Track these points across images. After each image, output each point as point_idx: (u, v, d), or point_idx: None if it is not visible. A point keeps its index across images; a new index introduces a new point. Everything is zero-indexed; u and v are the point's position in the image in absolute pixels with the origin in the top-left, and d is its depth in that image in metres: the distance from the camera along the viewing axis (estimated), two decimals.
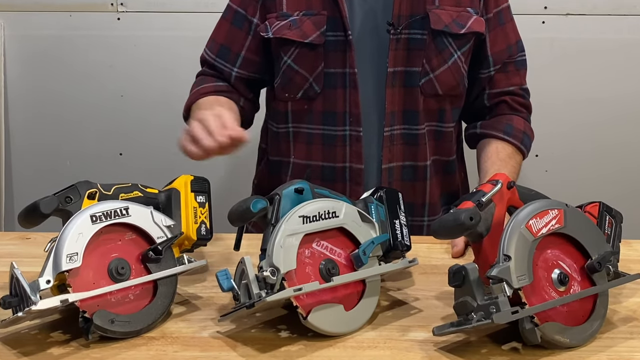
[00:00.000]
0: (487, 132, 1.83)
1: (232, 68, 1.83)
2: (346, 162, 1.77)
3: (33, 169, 2.78)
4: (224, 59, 1.84)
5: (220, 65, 1.84)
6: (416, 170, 1.80)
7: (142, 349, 1.16)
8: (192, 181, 1.39)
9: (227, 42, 1.84)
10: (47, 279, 1.12)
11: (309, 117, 1.78)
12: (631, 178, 2.70)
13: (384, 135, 1.74)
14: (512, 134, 1.81)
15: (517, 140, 1.80)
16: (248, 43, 1.82)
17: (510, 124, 1.82)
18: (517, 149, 1.81)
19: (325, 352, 1.15)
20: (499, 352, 1.14)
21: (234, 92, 1.84)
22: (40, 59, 2.69)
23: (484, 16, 1.78)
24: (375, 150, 1.76)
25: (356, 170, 1.76)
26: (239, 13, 1.82)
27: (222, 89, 1.82)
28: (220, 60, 1.84)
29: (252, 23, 1.80)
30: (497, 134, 1.81)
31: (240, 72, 1.83)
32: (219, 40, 1.85)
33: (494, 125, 1.83)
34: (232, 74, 1.83)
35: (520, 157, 1.82)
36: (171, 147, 2.65)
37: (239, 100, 1.84)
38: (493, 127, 1.83)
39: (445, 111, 1.80)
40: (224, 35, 1.85)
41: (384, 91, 1.73)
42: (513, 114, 1.84)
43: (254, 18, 1.80)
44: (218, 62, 1.85)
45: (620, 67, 2.61)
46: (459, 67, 1.76)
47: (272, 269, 1.14)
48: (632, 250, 1.54)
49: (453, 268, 1.13)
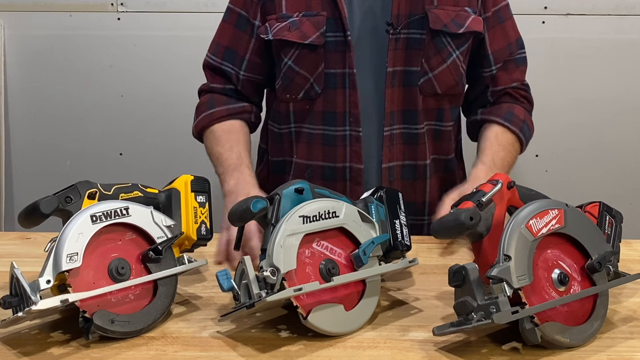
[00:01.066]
0: (487, 117, 1.83)
1: (239, 71, 1.83)
2: (346, 162, 1.77)
3: (33, 169, 2.78)
4: (231, 62, 1.83)
5: (227, 69, 1.83)
6: (416, 169, 1.80)
7: (142, 349, 1.16)
8: (192, 181, 1.38)
9: (232, 45, 1.83)
10: (47, 279, 1.12)
11: (310, 117, 1.78)
12: (631, 178, 2.70)
13: (383, 135, 1.75)
14: (512, 120, 1.81)
15: (517, 127, 1.81)
16: (252, 46, 1.81)
17: (511, 111, 1.83)
18: (516, 136, 1.81)
19: (325, 352, 1.15)
20: (499, 352, 1.14)
21: (245, 110, 1.84)
22: (40, 59, 2.69)
23: (482, 15, 1.78)
24: (375, 149, 1.77)
25: (356, 170, 1.76)
26: (242, 16, 1.82)
27: (235, 112, 1.82)
28: (226, 64, 1.83)
29: (254, 26, 1.80)
30: (497, 119, 1.81)
31: (247, 75, 1.83)
32: (224, 44, 1.84)
33: (494, 112, 1.84)
34: (240, 77, 1.83)
35: (518, 145, 1.82)
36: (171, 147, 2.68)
37: (251, 117, 1.85)
38: (494, 113, 1.83)
39: (444, 110, 1.80)
40: (228, 39, 1.84)
41: (383, 91, 1.73)
42: (515, 102, 1.85)
43: (256, 20, 1.80)
44: (225, 66, 1.84)
45: (620, 67, 2.62)
46: (458, 66, 1.77)
47: (272, 269, 1.14)
48: (632, 250, 1.54)
49: (453, 268, 1.13)
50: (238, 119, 1.82)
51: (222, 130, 1.80)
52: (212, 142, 1.80)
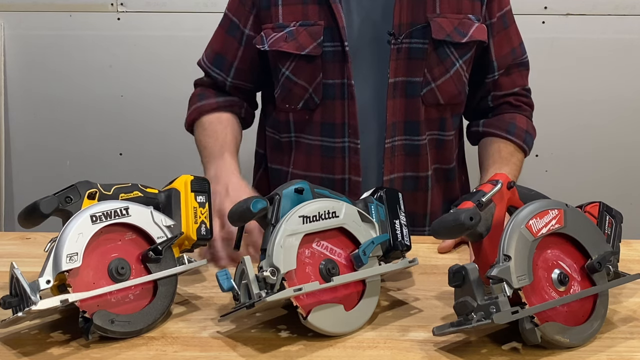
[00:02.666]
0: (489, 130, 1.82)
1: (227, 78, 1.83)
2: (345, 174, 1.75)
3: (33, 169, 2.78)
4: (219, 67, 1.84)
5: (214, 74, 1.84)
6: (418, 181, 1.78)
7: (142, 349, 1.16)
8: (192, 181, 1.38)
9: (222, 50, 1.83)
10: (47, 279, 1.12)
11: (309, 127, 1.77)
12: (631, 178, 2.70)
13: (385, 147, 1.72)
14: (514, 133, 1.81)
15: (520, 139, 1.80)
16: (240, 54, 1.81)
17: (513, 123, 1.82)
18: (519, 147, 1.81)
19: (325, 352, 1.15)
20: (499, 352, 1.14)
21: (235, 104, 1.84)
22: (40, 59, 2.69)
23: (487, 21, 1.77)
24: (375, 161, 1.75)
25: (354, 182, 1.74)
26: (234, 22, 1.81)
27: (224, 104, 1.83)
28: (214, 69, 1.84)
29: (243, 34, 1.79)
30: (499, 133, 1.81)
31: (234, 82, 1.83)
32: (215, 49, 1.85)
33: (496, 124, 1.83)
34: (227, 84, 1.83)
35: (522, 155, 1.82)
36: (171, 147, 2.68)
37: (241, 111, 1.85)
38: (496, 125, 1.82)
39: (446, 120, 1.78)
40: (219, 44, 1.84)
41: (384, 102, 1.71)
42: (516, 112, 1.85)
43: (246, 29, 1.79)
44: (213, 71, 1.84)
45: (620, 67, 2.62)
46: (461, 75, 1.75)
47: (272, 269, 1.14)
48: (632, 250, 1.54)
49: (453, 268, 1.13)
50: (227, 112, 1.82)
51: (210, 121, 1.80)
52: (200, 133, 1.80)
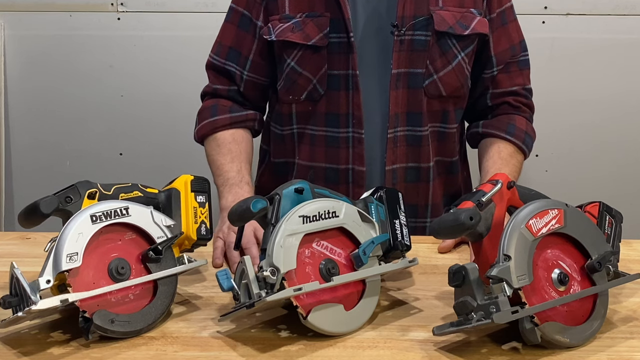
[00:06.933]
0: (489, 131, 1.83)
1: (243, 71, 1.82)
2: (349, 164, 1.76)
3: (33, 169, 2.78)
4: (234, 61, 1.82)
5: (231, 69, 1.83)
6: (419, 172, 1.79)
7: (142, 349, 1.16)
8: (192, 181, 1.38)
9: (236, 45, 1.82)
10: (47, 279, 1.12)
11: (312, 118, 1.78)
12: (631, 178, 2.70)
13: (387, 137, 1.74)
14: (514, 133, 1.81)
15: (519, 140, 1.80)
16: (255, 46, 1.81)
17: (513, 124, 1.82)
18: (519, 148, 1.81)
19: (325, 352, 1.15)
20: (499, 352, 1.14)
21: (248, 118, 1.83)
22: (40, 59, 2.69)
23: (487, 16, 1.78)
24: (378, 152, 1.76)
25: (358, 172, 1.76)
26: (245, 16, 1.81)
27: (238, 120, 1.82)
28: (230, 63, 1.83)
29: (256, 26, 1.80)
30: (499, 134, 1.81)
31: (250, 75, 1.82)
32: (227, 43, 1.83)
33: (496, 125, 1.83)
34: (243, 77, 1.82)
35: (521, 156, 1.82)
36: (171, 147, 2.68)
37: (254, 124, 1.84)
38: (495, 126, 1.82)
39: (448, 112, 1.79)
40: (231, 39, 1.83)
41: (387, 93, 1.72)
42: (515, 113, 1.85)
43: (259, 21, 1.79)
44: (229, 66, 1.83)
45: (620, 67, 2.61)
46: (463, 68, 1.76)
47: (272, 268, 1.14)
48: (632, 250, 1.54)
49: (453, 268, 1.13)
50: (241, 128, 1.82)
51: (224, 139, 1.79)
52: (213, 149, 1.79)
